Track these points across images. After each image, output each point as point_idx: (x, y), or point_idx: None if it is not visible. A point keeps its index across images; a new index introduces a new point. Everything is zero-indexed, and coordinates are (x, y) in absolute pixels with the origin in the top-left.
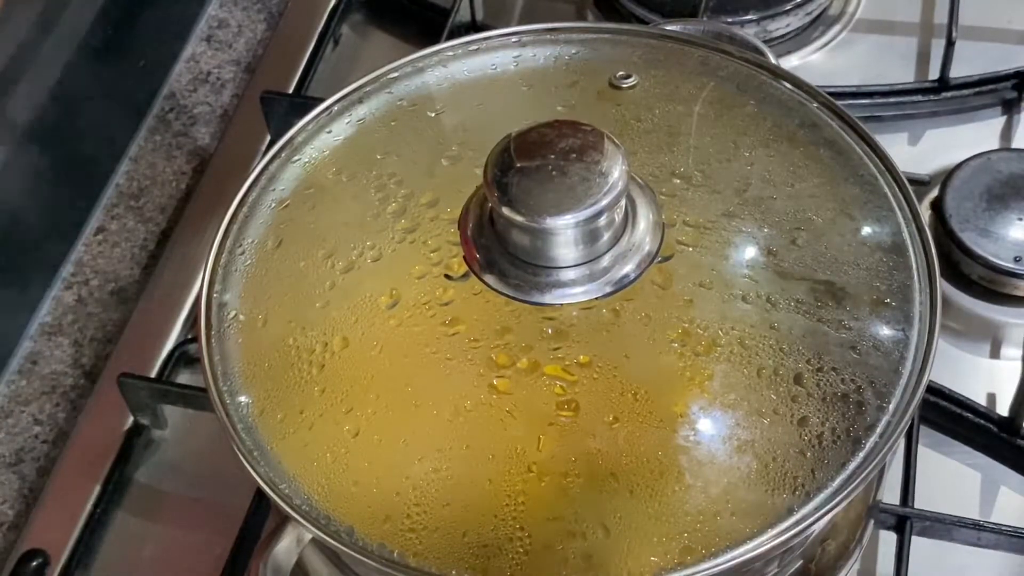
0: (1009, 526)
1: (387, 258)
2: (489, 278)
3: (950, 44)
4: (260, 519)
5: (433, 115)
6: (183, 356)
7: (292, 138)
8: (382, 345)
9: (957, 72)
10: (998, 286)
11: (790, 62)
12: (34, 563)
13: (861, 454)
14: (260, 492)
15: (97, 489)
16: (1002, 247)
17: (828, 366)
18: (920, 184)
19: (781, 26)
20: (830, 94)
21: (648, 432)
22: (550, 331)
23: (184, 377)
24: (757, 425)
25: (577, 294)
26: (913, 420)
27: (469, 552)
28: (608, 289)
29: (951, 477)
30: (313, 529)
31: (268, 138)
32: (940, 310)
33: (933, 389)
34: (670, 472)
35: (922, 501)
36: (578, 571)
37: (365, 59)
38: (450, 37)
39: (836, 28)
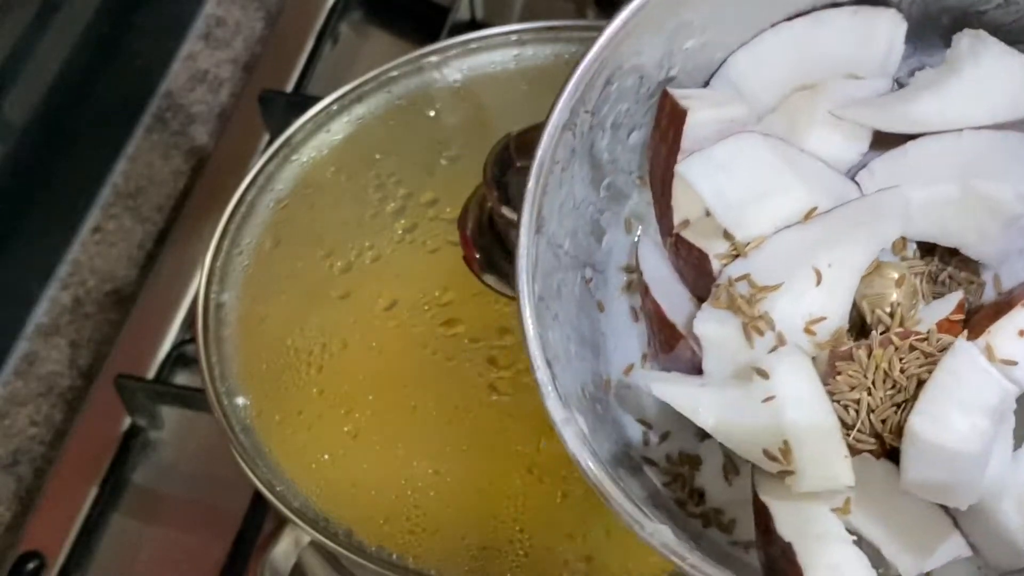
0: None
1: (386, 258)
2: (489, 278)
3: None
4: (258, 521)
5: (432, 114)
6: (181, 357)
7: (290, 137)
8: (381, 346)
9: None
10: None
11: None
12: (30, 565)
13: None
14: (258, 494)
15: (94, 491)
16: None
17: None
18: None
19: None
20: None
21: None
22: None
23: (182, 378)
24: None
25: None
26: None
27: (469, 554)
28: None
29: None
30: (311, 531)
31: (266, 137)
32: None
33: None
34: None
35: None
36: (578, 572)
37: (364, 57)
38: (449, 35)
39: None
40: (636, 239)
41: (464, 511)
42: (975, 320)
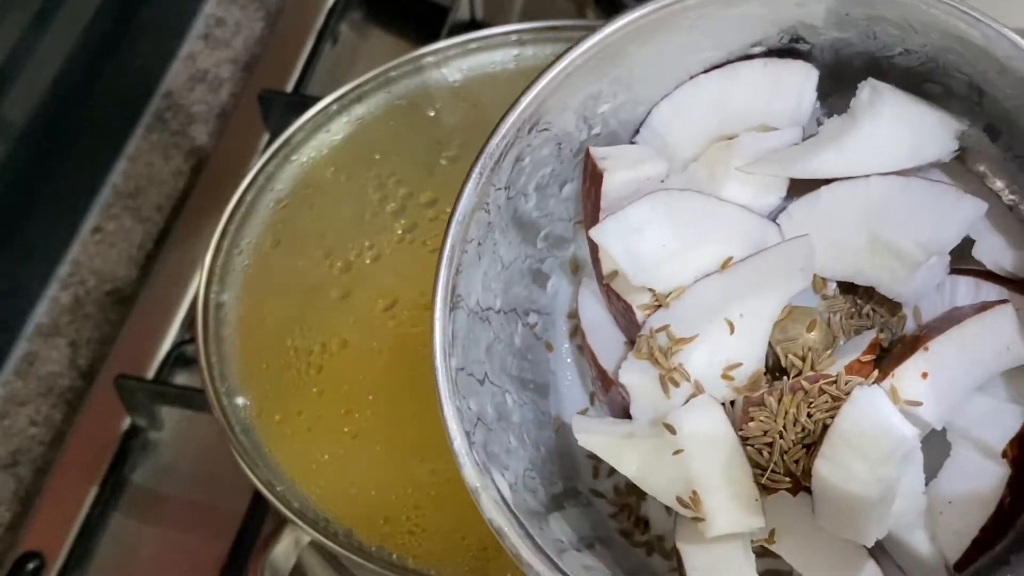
0: None
1: (386, 258)
2: None
3: None
4: (258, 521)
5: (432, 114)
6: (180, 357)
7: (290, 137)
8: (380, 346)
9: None
10: None
11: None
12: (30, 565)
13: None
14: (258, 494)
15: (94, 491)
16: None
17: None
18: None
19: None
20: None
21: None
22: None
23: (181, 378)
24: None
25: None
26: None
27: (469, 554)
28: None
29: None
30: (311, 531)
31: (266, 137)
32: None
33: None
34: None
35: None
36: None
37: (364, 57)
38: (449, 35)
39: None
40: (579, 282)
41: (464, 511)
42: (887, 359)
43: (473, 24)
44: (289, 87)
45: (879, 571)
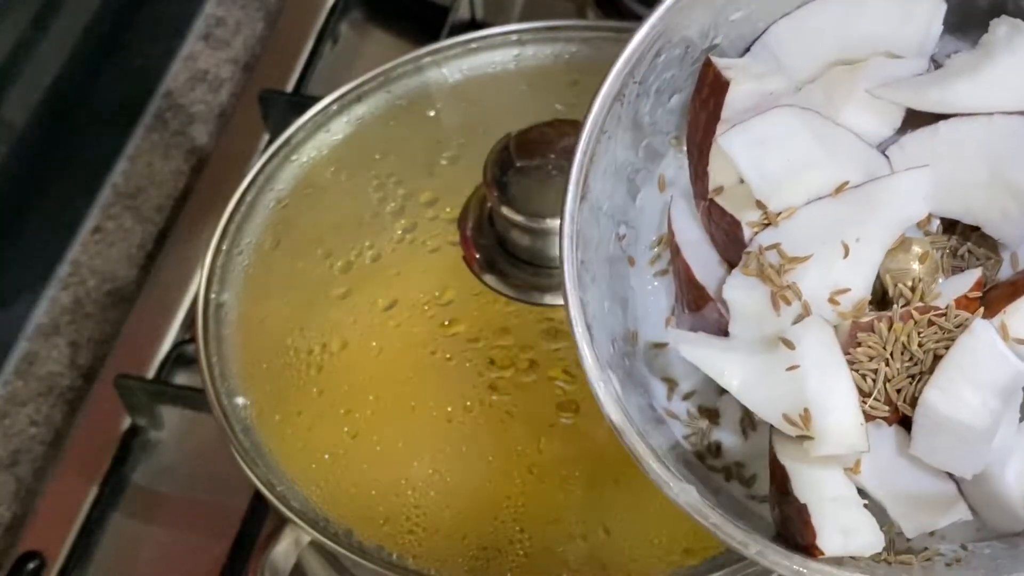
0: None
1: (386, 258)
2: (489, 278)
3: None
4: (258, 521)
5: (432, 114)
6: (181, 357)
7: (290, 137)
8: (381, 346)
9: None
10: None
11: None
12: (31, 565)
13: None
14: (258, 494)
15: (94, 491)
16: None
17: None
18: None
19: None
20: None
21: None
22: (550, 331)
23: (182, 378)
24: None
25: None
26: None
27: (469, 554)
28: None
29: None
30: (311, 531)
31: (266, 137)
32: None
33: None
34: None
35: None
36: (578, 573)
37: (364, 57)
38: (449, 35)
39: None
40: (669, 199)
41: (464, 511)
42: (991, 297)
43: (473, 24)
44: (289, 87)
45: (966, 506)
